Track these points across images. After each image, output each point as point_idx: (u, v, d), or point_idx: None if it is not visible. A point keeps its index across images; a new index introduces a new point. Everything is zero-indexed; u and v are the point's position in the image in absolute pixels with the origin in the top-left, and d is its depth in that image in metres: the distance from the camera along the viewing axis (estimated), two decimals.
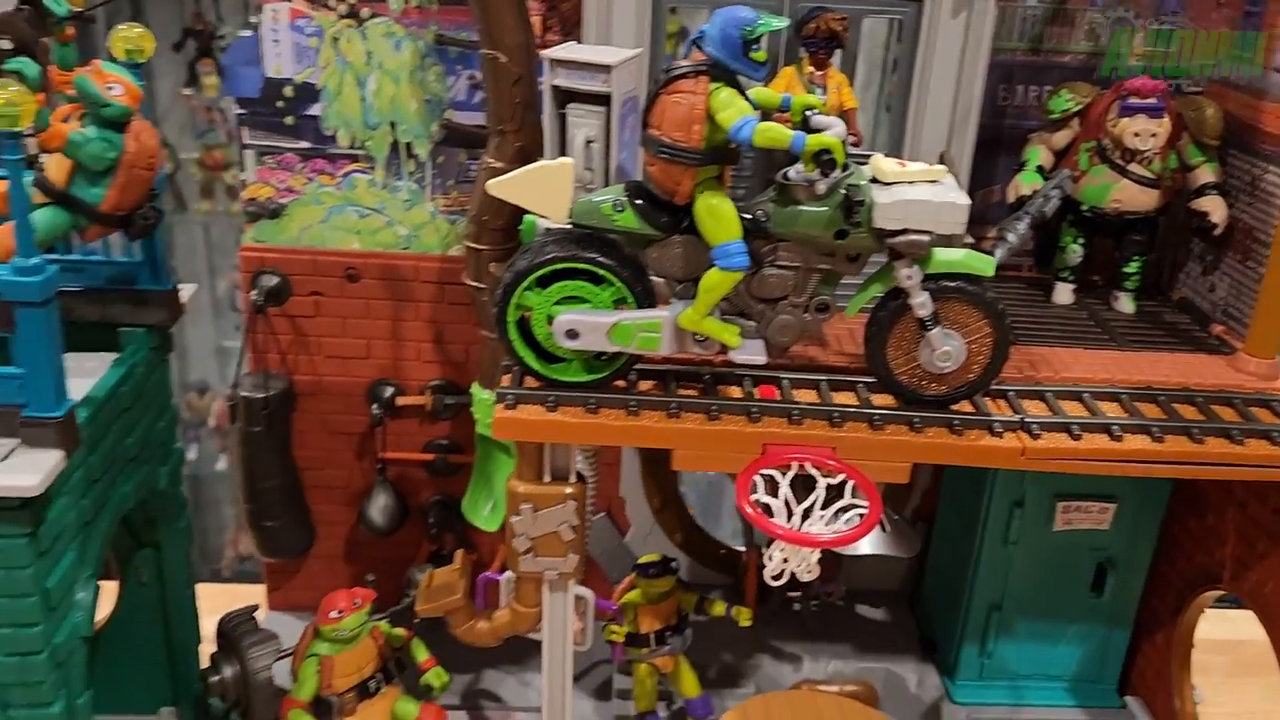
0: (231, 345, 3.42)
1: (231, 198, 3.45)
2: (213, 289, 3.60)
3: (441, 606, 1.29)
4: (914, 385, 1.14)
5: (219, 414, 3.59)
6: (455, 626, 1.31)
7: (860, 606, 1.75)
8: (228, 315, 3.59)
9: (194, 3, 3.30)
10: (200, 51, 3.31)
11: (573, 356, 1.12)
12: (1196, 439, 1.14)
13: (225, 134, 3.43)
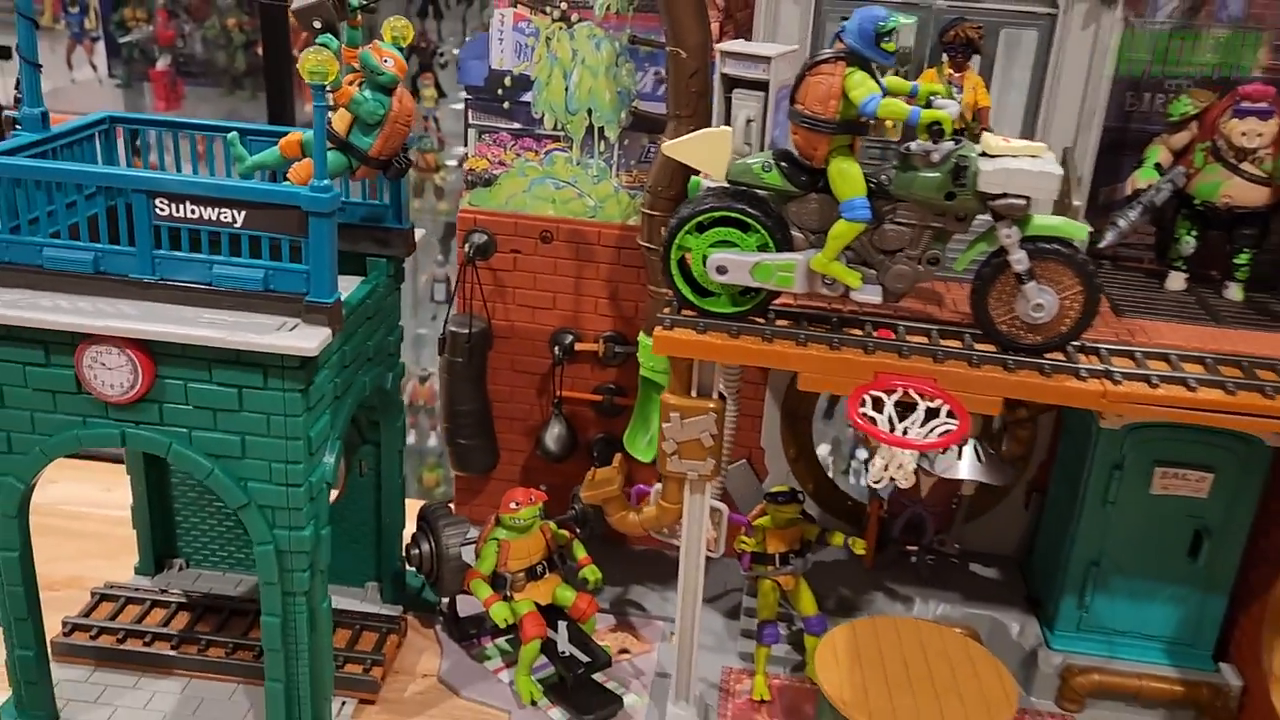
0: (428, 334, 3.80)
1: (439, 198, 3.83)
2: (414, 283, 4.02)
3: (600, 495, 1.56)
4: (1012, 334, 1.33)
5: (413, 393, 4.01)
6: (611, 514, 1.58)
7: (973, 565, 1.91)
8: (427, 307, 4.00)
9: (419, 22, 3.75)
10: (421, 66, 3.73)
11: (721, 291, 1.36)
12: (1269, 395, 1.28)
13: (437, 140, 3.85)
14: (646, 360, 1.77)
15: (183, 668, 1.64)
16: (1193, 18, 1.60)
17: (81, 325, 1.27)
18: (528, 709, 1.63)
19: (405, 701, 1.65)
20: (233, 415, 1.31)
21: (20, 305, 1.29)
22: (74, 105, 1.52)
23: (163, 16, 4.00)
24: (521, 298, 1.92)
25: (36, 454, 1.35)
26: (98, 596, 1.75)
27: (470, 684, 1.69)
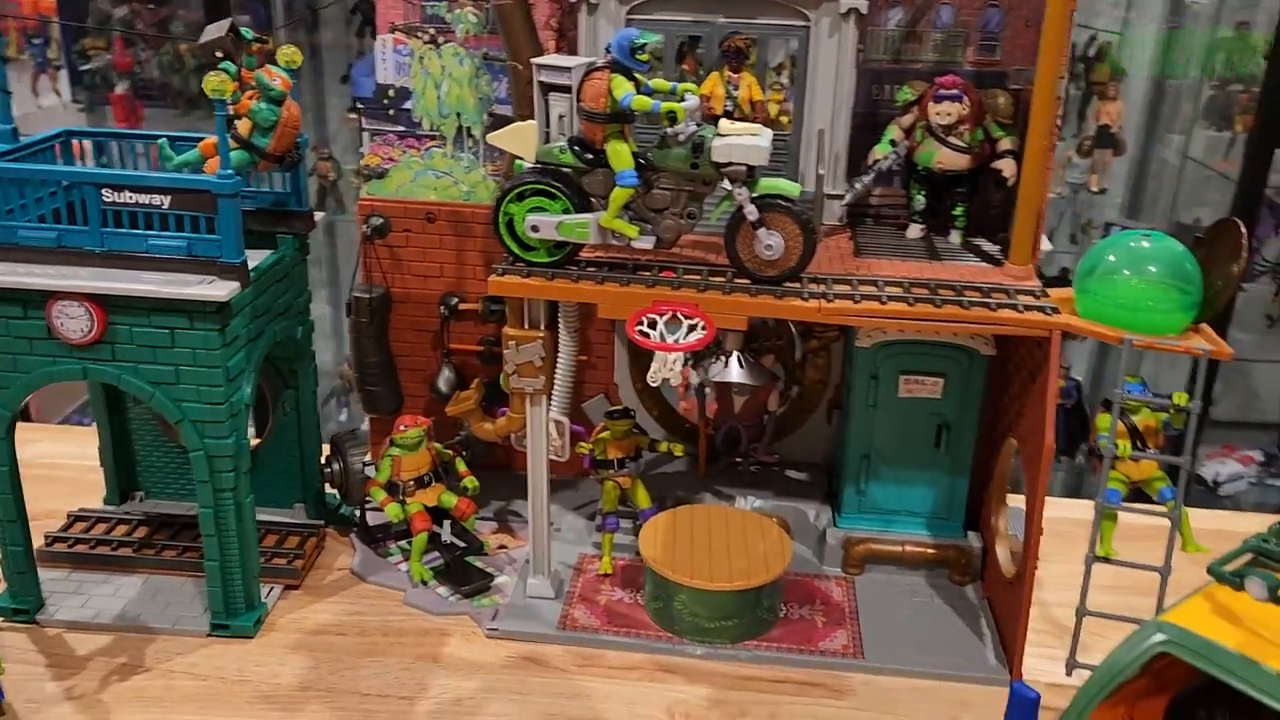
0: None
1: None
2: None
3: (461, 409, 2.01)
4: (755, 268, 1.77)
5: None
6: (472, 425, 2.02)
7: (789, 471, 2.35)
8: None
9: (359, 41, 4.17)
10: None
11: (539, 245, 1.80)
12: (938, 305, 1.72)
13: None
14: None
15: (144, 567, 2.06)
16: (915, 24, 2.05)
17: (49, 285, 1.69)
18: (419, 588, 2.06)
19: (322, 587, 2.07)
20: (168, 351, 1.74)
21: (2, 273, 1.71)
22: (40, 129, 1.93)
23: (120, 45, 4.41)
24: (414, 269, 2.34)
25: (18, 387, 1.77)
26: (73, 517, 2.17)
27: (375, 573, 2.11)
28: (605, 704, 1.78)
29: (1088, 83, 4.53)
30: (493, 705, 1.77)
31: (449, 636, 1.94)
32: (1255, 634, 1.19)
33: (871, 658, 1.89)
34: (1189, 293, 1.66)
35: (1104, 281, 1.70)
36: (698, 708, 1.78)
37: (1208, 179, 4.56)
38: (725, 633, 1.92)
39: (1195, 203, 4.73)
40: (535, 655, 1.90)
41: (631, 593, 2.04)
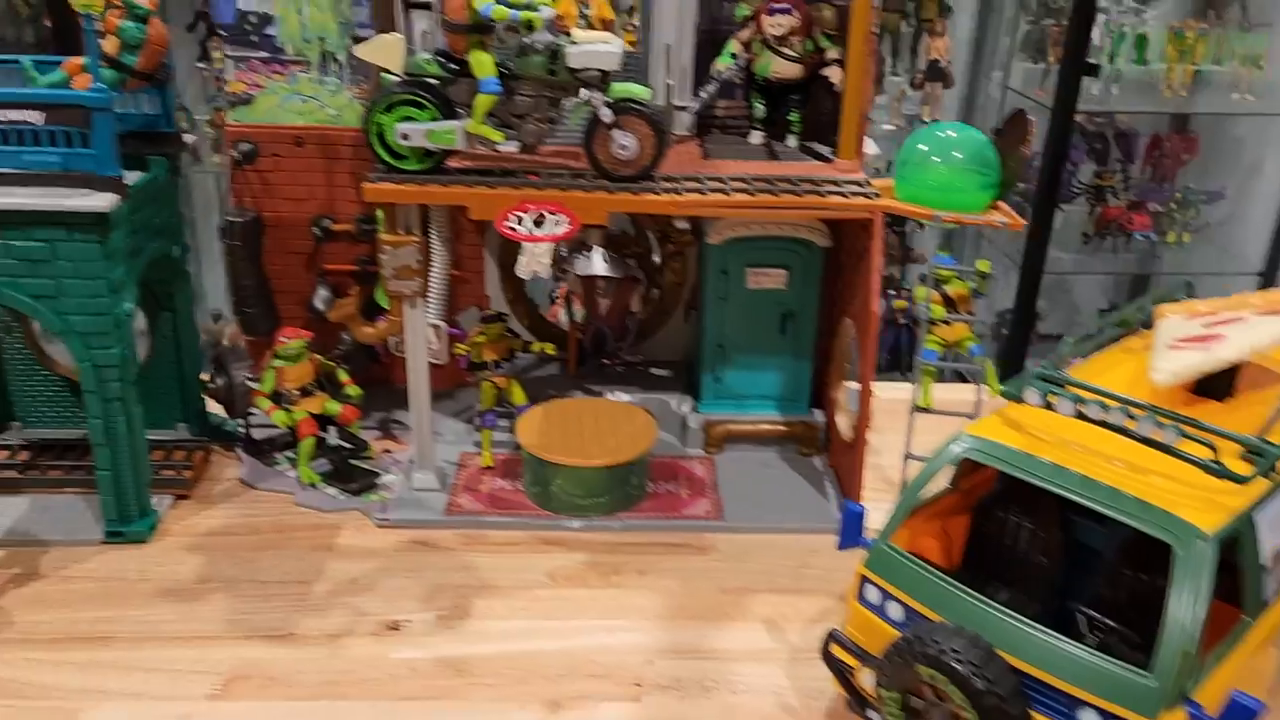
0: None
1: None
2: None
3: (341, 314, 2.12)
4: (612, 169, 1.93)
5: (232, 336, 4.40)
6: (354, 329, 2.13)
7: (654, 369, 2.54)
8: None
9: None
10: (209, 31, 4.07)
11: (409, 154, 1.92)
12: (776, 194, 1.93)
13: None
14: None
15: (30, 487, 2.11)
16: None
17: None
18: (308, 491, 2.17)
19: (212, 496, 2.16)
20: (49, 264, 1.79)
21: None
22: None
23: None
24: (285, 192, 2.41)
25: None
26: None
27: (264, 480, 2.21)
28: (492, 573, 1.94)
29: (918, 20, 4.83)
30: (388, 581, 1.91)
31: (341, 529, 2.06)
32: (1034, 436, 1.43)
33: (730, 519, 2.10)
34: (989, 175, 1.91)
35: (917, 168, 1.93)
36: (576, 570, 1.96)
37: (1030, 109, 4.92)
38: (599, 508, 2.10)
39: None
40: (425, 539, 2.04)
41: (512, 481, 2.20)
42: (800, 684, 1.68)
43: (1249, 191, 5.20)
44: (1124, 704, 1.22)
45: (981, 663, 1.27)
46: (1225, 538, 1.26)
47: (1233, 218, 5.17)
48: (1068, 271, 5.00)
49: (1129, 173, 5.24)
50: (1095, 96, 4.90)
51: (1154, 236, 5.09)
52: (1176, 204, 5.16)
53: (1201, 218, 5.13)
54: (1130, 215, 5.10)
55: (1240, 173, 5.19)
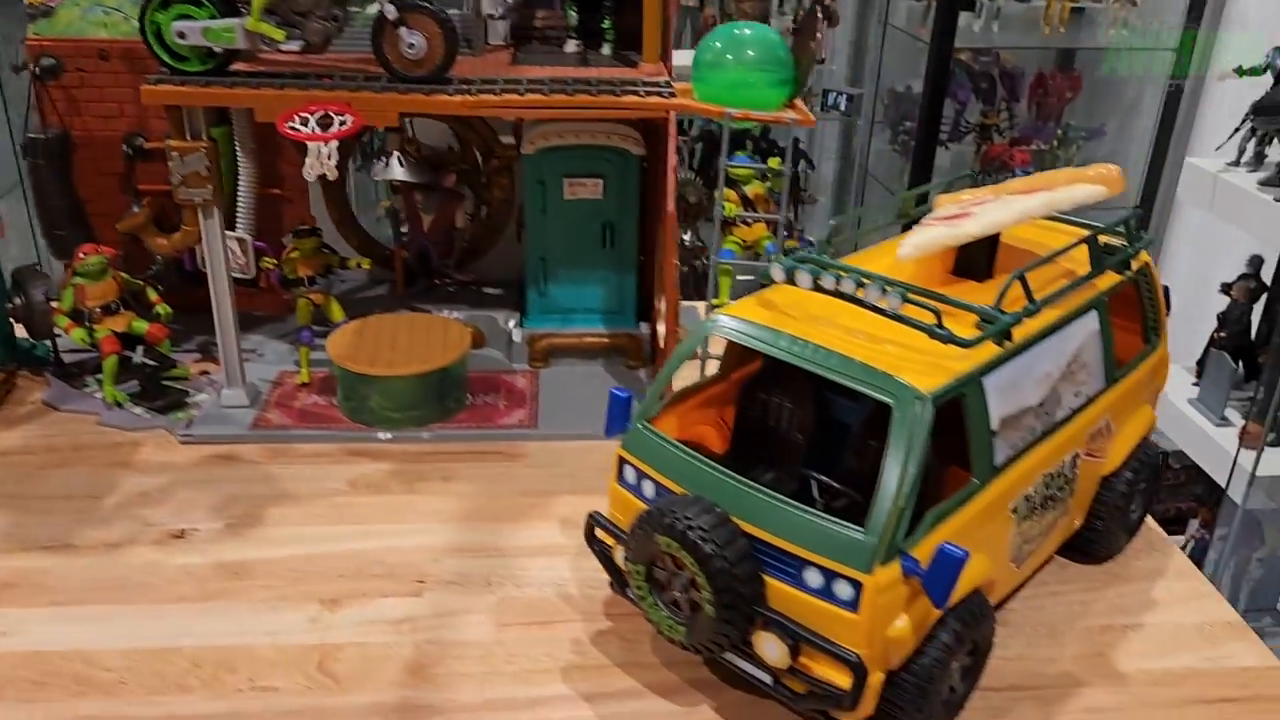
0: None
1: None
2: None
3: (130, 225, 2.06)
4: (403, 69, 1.89)
5: None
6: (147, 240, 2.08)
7: (486, 288, 2.52)
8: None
9: None
10: None
11: (190, 54, 1.86)
12: (570, 94, 1.91)
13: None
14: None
15: None
16: None
17: None
18: (114, 410, 2.12)
19: (13, 418, 2.10)
20: None
21: None
22: None
23: None
24: (93, 109, 2.33)
25: None
26: None
27: (69, 402, 2.15)
28: (291, 484, 1.92)
29: None
30: (182, 494, 1.88)
31: (142, 446, 2.02)
32: (782, 313, 1.44)
33: (545, 427, 2.10)
34: (781, 73, 1.91)
35: (711, 68, 1.92)
36: (378, 478, 1.94)
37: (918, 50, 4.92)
38: (413, 421, 2.08)
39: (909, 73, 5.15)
40: (228, 454, 2.01)
41: (328, 397, 2.17)
42: (583, 576, 1.69)
43: (1129, 129, 5.31)
44: (841, 560, 1.24)
45: (710, 528, 1.28)
46: (944, 399, 1.28)
47: (1114, 154, 5.28)
48: None
49: (1014, 112, 5.32)
50: (976, 34, 4.94)
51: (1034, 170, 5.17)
52: (1059, 141, 5.25)
53: (1084, 154, 5.23)
54: (1012, 152, 5.18)
55: (1121, 110, 5.29)
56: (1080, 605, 1.65)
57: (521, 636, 1.56)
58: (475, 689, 1.46)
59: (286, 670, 1.48)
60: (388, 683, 1.47)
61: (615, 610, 1.61)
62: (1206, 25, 4.69)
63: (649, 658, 1.53)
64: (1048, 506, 1.51)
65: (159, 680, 1.46)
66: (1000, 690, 1.48)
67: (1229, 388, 3.74)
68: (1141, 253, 1.69)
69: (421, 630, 1.57)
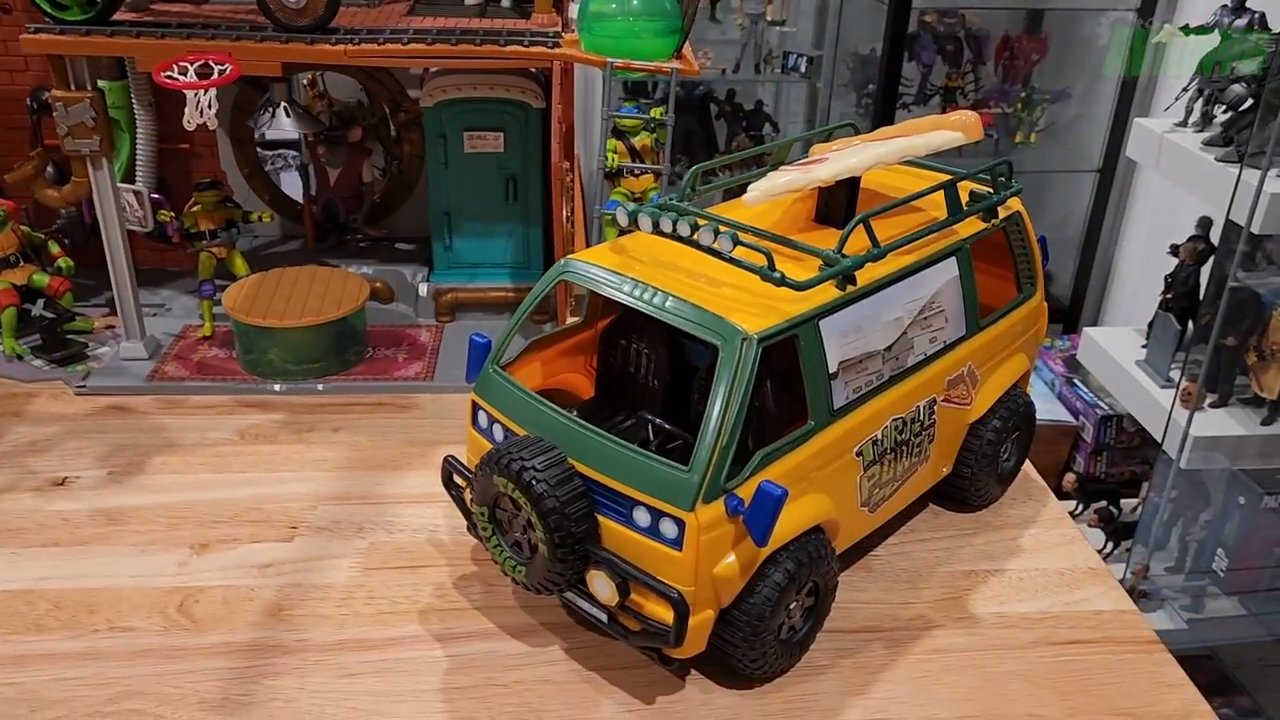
0: None
1: None
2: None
3: (18, 176, 2.07)
4: (286, 19, 1.89)
5: None
6: (36, 192, 2.08)
7: (398, 244, 2.52)
8: None
9: None
10: None
11: (71, 4, 1.85)
12: (454, 44, 1.90)
13: None
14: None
15: None
16: None
17: None
18: (14, 362, 2.12)
19: None
20: None
21: None
22: None
23: None
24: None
25: None
26: None
27: None
28: (180, 433, 1.93)
29: None
30: (69, 443, 1.89)
31: (36, 397, 2.03)
32: (634, 259, 1.45)
33: (441, 379, 2.11)
34: (668, 21, 1.90)
35: (597, 19, 1.91)
36: (268, 429, 1.95)
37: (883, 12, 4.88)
38: (311, 373, 2.09)
39: (874, 36, 5.11)
40: (122, 405, 2.02)
41: (228, 350, 2.18)
42: (455, 522, 1.70)
43: (1095, 92, 5.27)
44: (666, 499, 1.25)
45: (544, 468, 1.30)
46: (772, 340, 1.29)
47: (1079, 117, 5.25)
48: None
49: (980, 75, 5.28)
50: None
51: (995, 135, 5.15)
52: (1022, 104, 5.22)
53: (1048, 117, 5.20)
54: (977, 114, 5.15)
55: (1087, 73, 5.25)
56: (945, 552, 1.67)
57: (385, 580, 1.58)
58: (331, 629, 1.48)
59: (147, 611, 1.50)
60: (244, 624, 1.49)
61: (482, 556, 1.63)
62: None
63: (508, 600, 1.54)
64: (902, 452, 1.53)
65: (18, 620, 1.48)
66: (851, 632, 1.50)
67: (1173, 349, 3.74)
68: (1012, 200, 1.69)
69: (287, 574, 1.59)
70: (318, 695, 1.37)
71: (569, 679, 1.41)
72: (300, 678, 1.40)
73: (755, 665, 1.36)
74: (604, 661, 1.43)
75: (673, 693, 1.39)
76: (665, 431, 1.54)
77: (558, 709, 1.36)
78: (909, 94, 5.03)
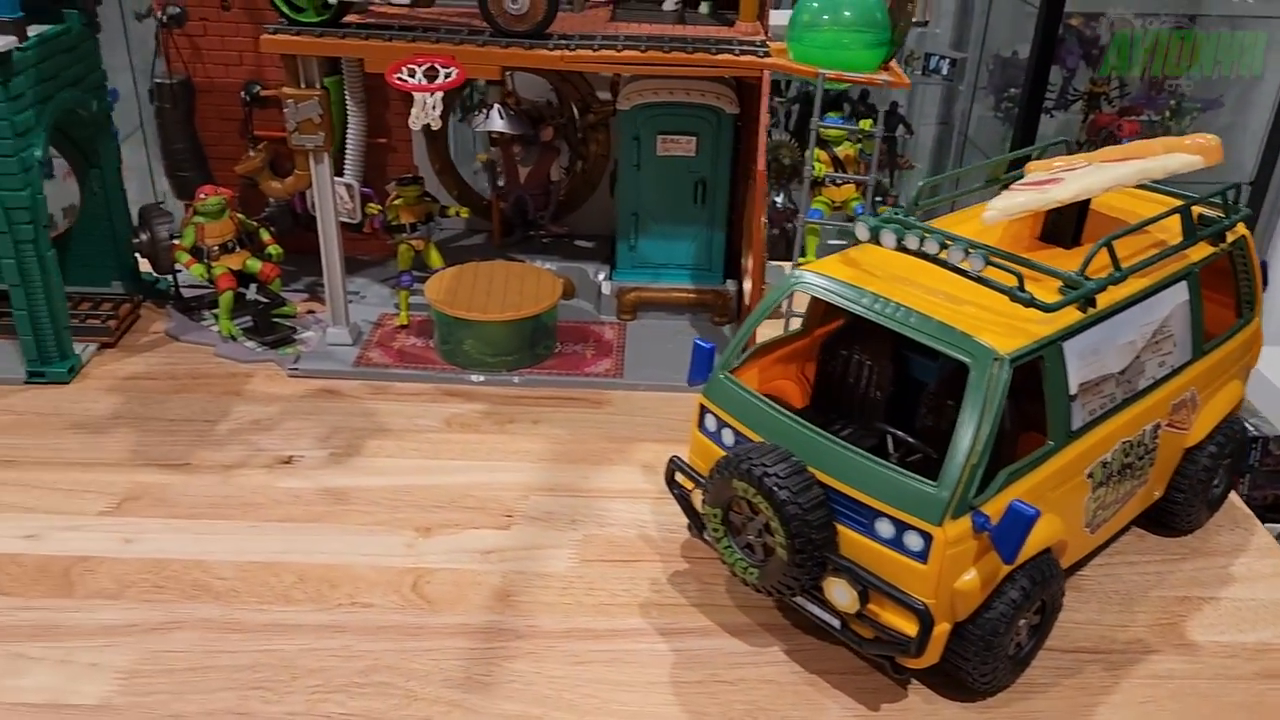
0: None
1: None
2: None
3: (248, 168, 2.18)
4: (506, 24, 1.96)
5: None
6: (261, 184, 2.19)
7: (578, 241, 2.59)
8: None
9: None
10: None
11: (307, 6, 1.95)
12: (666, 52, 1.94)
13: None
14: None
15: None
16: None
17: None
18: (229, 343, 2.25)
19: (137, 346, 2.25)
20: None
21: None
22: None
23: None
24: (215, 57, 2.45)
25: None
26: None
27: (188, 334, 2.30)
28: (390, 419, 2.02)
29: None
30: (288, 423, 2.00)
31: (253, 378, 2.15)
32: (865, 272, 1.47)
33: (630, 377, 2.16)
34: (878, 34, 1.91)
35: (808, 29, 1.93)
36: (471, 418, 2.04)
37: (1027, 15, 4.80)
38: (504, 365, 2.17)
39: (1017, 38, 5.02)
40: (332, 388, 2.12)
41: (425, 339, 2.27)
42: (664, 520, 1.76)
43: (1249, 100, 5.08)
44: (914, 512, 1.28)
45: (786, 475, 1.33)
46: (1022, 361, 1.30)
47: (1232, 126, 5.07)
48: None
49: (1126, 80, 5.14)
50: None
51: None
52: (1171, 112, 5.07)
53: (1197, 126, 5.04)
54: (1120, 122, 5.02)
55: (1241, 81, 5.07)
56: (1156, 576, 1.66)
57: (603, 572, 1.64)
58: (558, 617, 1.55)
59: (383, 589, 1.59)
60: (475, 606, 1.56)
61: (692, 553, 1.68)
62: None
63: (724, 599, 1.59)
64: (1125, 474, 1.52)
65: (268, 590, 1.58)
66: (1069, 652, 1.50)
67: None
68: (1238, 225, 1.66)
69: (508, 560, 1.66)
70: (554, 680, 1.44)
71: (792, 680, 1.45)
72: (535, 662, 1.46)
73: (985, 680, 1.38)
74: (826, 665, 1.46)
75: (896, 701, 1.42)
76: (902, 443, 1.56)
77: (783, 709, 1.40)
78: (1049, 97, 4.92)
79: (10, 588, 1.56)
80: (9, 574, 1.59)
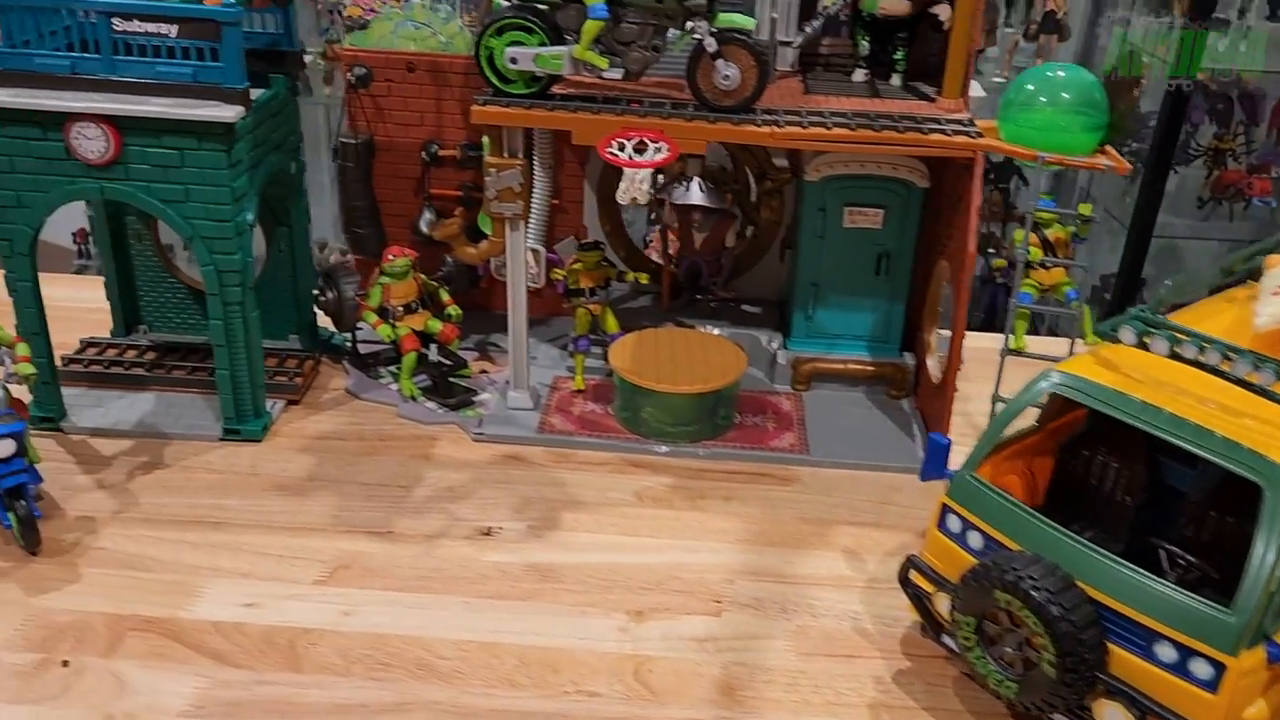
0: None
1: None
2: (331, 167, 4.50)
3: (445, 233, 2.20)
4: (714, 98, 1.95)
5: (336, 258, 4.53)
6: (456, 248, 2.21)
7: (746, 306, 2.57)
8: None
9: None
10: None
11: (516, 78, 1.97)
12: (877, 130, 1.92)
13: (340, 32, 4.30)
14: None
15: (155, 384, 2.25)
16: None
17: (66, 107, 1.84)
18: (410, 403, 2.26)
19: (320, 404, 2.27)
20: (178, 170, 1.89)
21: (21, 96, 1.85)
22: None
23: None
24: (396, 117, 2.49)
25: (40, 205, 1.92)
26: (85, 343, 2.34)
27: (368, 391, 2.32)
28: (580, 490, 2.01)
29: None
30: (481, 491, 2.00)
31: (439, 441, 2.16)
32: (1125, 375, 1.43)
33: (816, 454, 2.13)
34: (1096, 116, 1.87)
35: (1023, 109, 1.90)
36: (662, 492, 2.02)
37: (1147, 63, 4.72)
38: (686, 436, 2.15)
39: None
40: (517, 454, 2.12)
41: (603, 405, 2.26)
42: (876, 611, 1.72)
43: None
44: (1203, 639, 1.23)
45: (1058, 590, 1.29)
46: None
47: None
48: (1179, 236, 4.82)
49: (1252, 136, 5.02)
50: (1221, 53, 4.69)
51: (1274, 203, 4.88)
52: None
53: None
54: (1250, 180, 4.89)
55: None
56: None
57: (825, 669, 1.60)
58: (787, 715, 1.51)
59: (606, 677, 1.57)
60: (700, 700, 1.54)
61: (914, 650, 1.64)
62: None
63: (954, 704, 1.54)
64: None
65: (491, 674, 1.57)
66: None
67: None
68: None
69: (725, 651, 1.63)
70: None
71: None
72: None
73: None
74: None
75: None
76: (1174, 558, 1.50)
77: None
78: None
79: (241, 660, 1.57)
80: (237, 644, 1.60)
